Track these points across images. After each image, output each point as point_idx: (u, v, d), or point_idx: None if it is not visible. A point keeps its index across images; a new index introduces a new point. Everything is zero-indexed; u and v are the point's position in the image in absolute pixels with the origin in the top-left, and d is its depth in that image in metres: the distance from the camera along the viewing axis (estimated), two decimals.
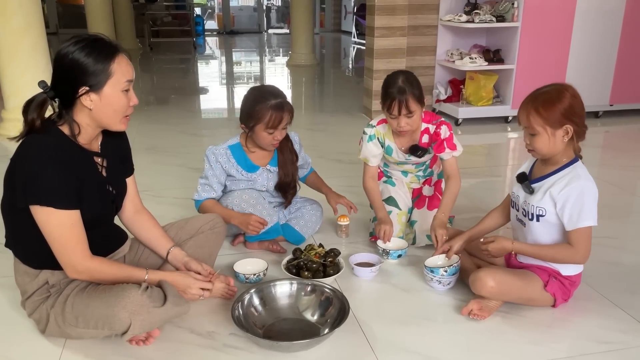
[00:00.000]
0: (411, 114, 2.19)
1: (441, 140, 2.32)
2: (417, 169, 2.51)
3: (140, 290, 1.55)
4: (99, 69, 1.52)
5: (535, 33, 4.35)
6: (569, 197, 1.73)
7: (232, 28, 14.47)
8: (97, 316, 1.56)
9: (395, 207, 2.43)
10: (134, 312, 1.52)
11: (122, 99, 1.58)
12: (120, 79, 1.55)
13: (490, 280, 1.79)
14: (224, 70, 8.72)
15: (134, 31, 10.04)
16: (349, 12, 13.69)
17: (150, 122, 4.69)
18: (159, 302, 1.57)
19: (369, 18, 4.59)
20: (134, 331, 1.55)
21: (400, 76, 2.20)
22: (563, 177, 1.77)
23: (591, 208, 1.74)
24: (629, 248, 2.44)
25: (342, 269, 2.07)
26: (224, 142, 2.34)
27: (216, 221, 2.02)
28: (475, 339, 1.77)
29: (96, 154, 1.67)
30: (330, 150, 3.85)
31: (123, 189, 1.81)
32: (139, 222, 1.88)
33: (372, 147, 2.39)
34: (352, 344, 1.73)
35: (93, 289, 1.63)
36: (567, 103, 1.71)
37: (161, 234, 1.88)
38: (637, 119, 4.77)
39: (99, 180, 1.67)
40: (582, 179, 1.74)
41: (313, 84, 7.53)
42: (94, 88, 1.53)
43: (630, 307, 1.92)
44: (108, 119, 1.60)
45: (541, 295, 1.84)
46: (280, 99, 2.17)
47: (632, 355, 1.68)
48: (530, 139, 1.78)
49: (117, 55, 1.56)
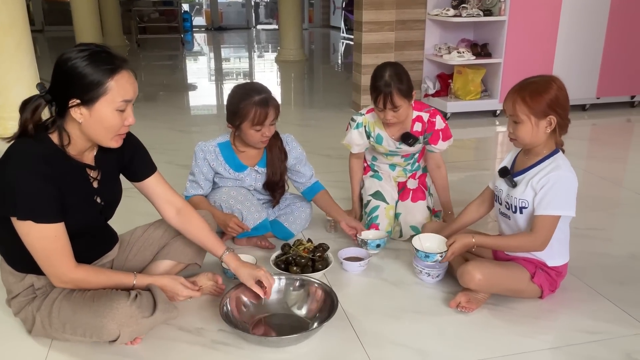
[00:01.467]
0: (397, 108, 2.21)
1: (437, 131, 2.35)
2: (406, 162, 2.52)
3: (129, 301, 1.53)
4: (94, 83, 1.43)
5: (522, 27, 4.37)
6: (545, 184, 1.75)
7: (221, 24, 14.38)
8: (84, 325, 1.54)
9: (382, 202, 2.43)
10: (122, 324, 1.51)
11: (114, 119, 1.49)
12: (115, 97, 1.46)
13: (478, 273, 1.80)
14: (212, 67, 8.67)
15: (120, 28, 9.94)
16: (338, 7, 13.65)
17: (139, 118, 4.54)
18: (147, 312, 1.56)
19: (357, 13, 4.58)
20: (122, 340, 1.55)
21: (387, 69, 2.20)
22: (544, 168, 1.79)
23: (565, 198, 1.75)
24: (616, 239, 2.46)
25: (331, 263, 2.07)
26: (214, 139, 2.32)
27: (206, 218, 1.99)
28: (464, 331, 1.77)
29: (89, 166, 1.61)
30: (319, 146, 3.85)
31: (115, 199, 1.75)
32: (185, 224, 1.80)
33: (357, 135, 2.42)
34: (341, 338, 1.73)
35: (80, 295, 1.60)
36: (553, 94, 1.72)
37: (211, 239, 1.80)
38: (623, 112, 4.81)
39: (88, 191, 1.61)
40: (562, 169, 1.76)
41: (302, 79, 7.51)
42: (85, 102, 1.44)
43: (617, 297, 1.94)
44: (97, 136, 1.51)
45: (528, 287, 1.85)
46: (264, 94, 2.14)
47: (618, 345, 1.69)
48: (514, 127, 1.79)
49: (119, 72, 1.46)
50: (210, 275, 1.93)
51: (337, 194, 2.78)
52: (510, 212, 1.87)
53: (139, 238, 1.91)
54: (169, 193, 1.80)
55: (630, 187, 3.09)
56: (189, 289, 1.74)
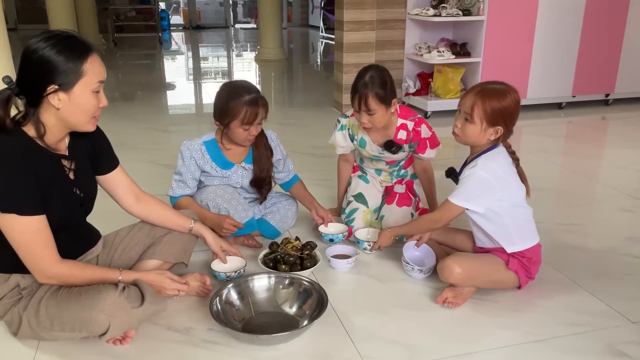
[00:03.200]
0: (371, 111, 2.16)
1: (423, 140, 2.34)
2: (391, 168, 2.53)
3: (118, 292, 1.52)
4: (71, 67, 1.46)
5: (501, 26, 4.44)
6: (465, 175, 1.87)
7: (199, 23, 14.28)
8: (73, 319, 1.53)
9: (363, 205, 2.45)
10: (112, 315, 1.50)
11: (91, 100, 1.53)
12: (92, 79, 1.50)
13: (457, 267, 1.84)
14: (191, 66, 8.61)
15: (97, 26, 9.79)
16: (317, 6, 13.67)
17: (117, 118, 4.61)
18: (136, 303, 1.55)
19: (338, 12, 4.60)
20: (112, 333, 1.54)
21: (369, 72, 2.17)
22: (470, 166, 1.88)
23: (466, 192, 1.85)
24: (593, 233, 2.53)
25: (319, 261, 2.09)
26: (199, 137, 2.31)
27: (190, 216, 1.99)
28: (451, 325, 1.81)
29: (63, 157, 1.62)
30: (302, 144, 3.86)
31: (92, 191, 1.75)
32: (146, 210, 1.86)
33: (340, 137, 2.45)
34: (331, 335, 1.74)
35: (67, 291, 1.59)
36: (511, 108, 1.81)
37: (174, 215, 1.91)
38: (598, 110, 4.93)
39: (66, 182, 1.62)
40: (476, 167, 1.84)
41: (282, 78, 7.51)
42: (64, 87, 1.47)
43: (597, 289, 2.00)
44: (76, 120, 1.54)
45: (506, 276, 1.91)
46: (254, 94, 2.15)
47: (601, 337, 1.74)
48: (463, 123, 1.85)
49: (90, 54, 1.50)
50: (198, 276, 1.93)
51: (321, 193, 2.80)
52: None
53: (124, 238, 1.90)
54: (131, 182, 1.85)
55: (606, 182, 3.18)
56: (177, 282, 1.74)
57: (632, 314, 1.85)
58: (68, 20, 8.01)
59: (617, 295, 1.97)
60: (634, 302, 1.92)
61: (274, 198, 2.49)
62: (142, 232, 1.91)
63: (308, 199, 2.43)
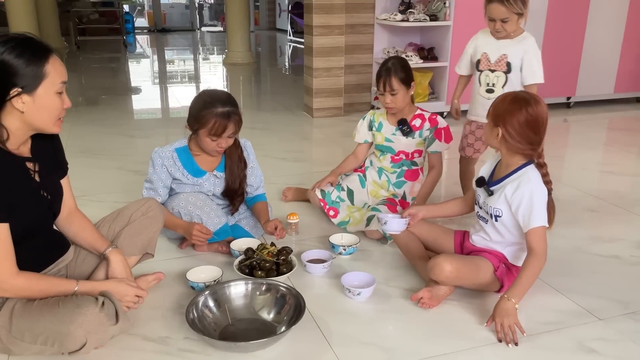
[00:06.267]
0: (394, 91, 2.43)
1: (439, 129, 2.54)
2: (393, 169, 2.62)
3: (98, 307, 1.49)
4: (32, 70, 1.46)
5: (466, 31, 4.48)
6: (521, 199, 1.82)
7: (164, 26, 14.10)
8: (47, 332, 1.48)
9: (349, 201, 2.60)
10: (90, 331, 1.47)
11: (56, 101, 1.52)
12: (54, 80, 1.50)
13: (448, 265, 1.86)
14: (156, 69, 8.48)
15: (58, 29, 9.57)
16: (284, 10, 13.68)
17: (83, 123, 4.50)
18: (113, 319, 1.52)
19: (307, 17, 4.62)
20: (87, 350, 1.50)
21: (391, 59, 2.49)
22: (515, 180, 1.86)
23: (540, 209, 1.82)
24: (559, 233, 2.59)
25: (295, 266, 2.09)
26: (170, 144, 2.28)
27: (148, 205, 1.92)
28: (427, 327, 1.83)
29: (27, 159, 1.59)
30: (273, 149, 3.85)
31: (59, 192, 1.72)
32: (72, 224, 1.79)
33: (361, 123, 2.71)
34: (309, 340, 1.74)
35: (42, 302, 1.54)
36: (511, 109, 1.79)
37: (95, 235, 1.80)
38: (560, 112, 5.08)
39: (32, 186, 1.59)
40: (531, 182, 1.83)
41: (251, 82, 7.48)
42: (27, 90, 1.46)
43: (565, 288, 2.06)
44: (41, 122, 1.53)
45: (491, 280, 1.94)
46: (228, 107, 2.13)
47: (571, 334, 1.79)
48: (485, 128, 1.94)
49: (51, 55, 1.50)
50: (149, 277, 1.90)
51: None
52: (488, 216, 1.95)
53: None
54: (70, 195, 1.80)
55: (570, 183, 3.27)
56: (136, 288, 1.71)
57: (599, 312, 1.91)
58: (29, 22, 7.78)
59: (585, 293, 2.03)
60: (600, 300, 1.99)
61: (248, 203, 2.48)
62: (102, 231, 1.86)
63: (262, 215, 2.37)
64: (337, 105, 4.77)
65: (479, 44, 2.57)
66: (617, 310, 1.92)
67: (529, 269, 1.81)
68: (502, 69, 2.48)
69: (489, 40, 2.52)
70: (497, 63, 2.49)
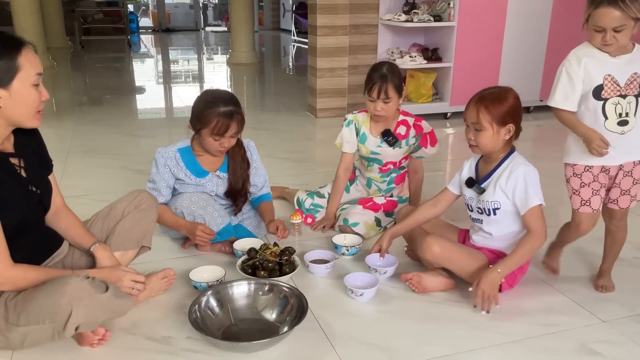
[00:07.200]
0: (388, 99, 2.34)
1: (425, 134, 2.50)
2: (382, 178, 2.60)
3: (81, 277, 1.50)
4: (5, 63, 1.45)
5: (471, 32, 4.53)
6: (515, 184, 1.88)
7: (168, 26, 14.12)
8: (37, 308, 1.48)
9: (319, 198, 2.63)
10: (74, 298, 1.46)
11: (33, 94, 1.51)
12: (29, 72, 1.49)
13: (436, 246, 1.92)
14: (160, 69, 8.50)
15: (63, 29, 9.60)
16: (288, 10, 13.68)
17: (86, 123, 4.51)
18: (101, 290, 1.51)
19: (311, 17, 4.62)
20: (76, 319, 1.47)
21: (385, 65, 2.39)
22: (505, 169, 1.91)
23: (537, 188, 1.88)
24: None
25: (297, 267, 2.09)
26: (173, 145, 2.29)
27: (139, 198, 1.90)
28: (429, 329, 1.83)
29: (11, 155, 1.59)
30: (277, 149, 3.85)
31: (47, 187, 1.73)
32: (59, 221, 1.79)
33: (347, 132, 2.53)
34: (312, 341, 1.75)
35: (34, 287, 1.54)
36: (512, 103, 1.86)
37: (82, 233, 1.79)
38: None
39: (20, 181, 1.59)
40: (521, 165, 1.89)
41: (254, 82, 7.48)
42: (2, 83, 1.46)
43: (568, 290, 2.05)
44: (20, 116, 1.53)
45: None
46: (231, 107, 2.13)
47: (574, 336, 1.79)
48: (475, 134, 1.88)
49: (24, 48, 1.49)
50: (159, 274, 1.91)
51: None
52: (484, 215, 1.97)
53: None
54: (57, 191, 1.79)
55: None
56: (132, 274, 1.70)
57: (602, 313, 1.91)
58: (34, 22, 7.81)
59: (588, 295, 2.02)
60: (603, 302, 1.98)
61: (250, 204, 2.48)
62: (96, 227, 1.86)
63: (267, 214, 2.37)
64: (341, 105, 4.77)
65: (590, 66, 1.86)
66: (621, 313, 1.92)
67: (525, 247, 1.87)
68: (634, 92, 1.84)
69: (605, 59, 1.84)
70: (628, 86, 1.84)
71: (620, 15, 1.71)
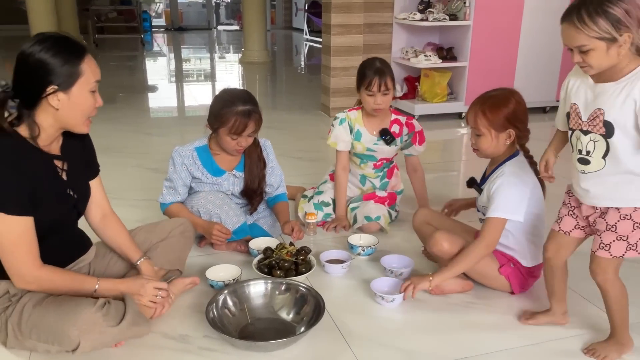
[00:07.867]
0: (387, 91, 2.39)
1: (416, 133, 2.52)
2: (376, 174, 2.60)
3: (95, 308, 1.49)
4: (68, 68, 1.48)
5: (486, 31, 4.49)
6: (490, 191, 1.87)
7: (181, 24, 14.17)
8: (47, 330, 1.50)
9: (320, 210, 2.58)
10: (84, 330, 1.47)
11: (89, 100, 1.55)
12: (89, 78, 1.52)
13: (445, 243, 1.90)
14: (173, 68, 8.53)
15: (77, 27, 9.66)
16: (300, 9, 13.67)
17: (102, 121, 4.52)
18: (113, 321, 1.51)
19: (325, 16, 4.61)
20: (84, 349, 1.49)
21: (376, 60, 2.43)
22: (495, 173, 1.89)
23: (504, 202, 1.82)
24: None
25: (313, 266, 2.08)
26: (190, 143, 2.29)
27: (186, 225, 2.00)
28: (446, 329, 1.81)
29: (56, 157, 1.61)
30: (290, 148, 3.84)
31: (86, 192, 1.74)
32: (107, 228, 1.81)
33: (341, 130, 2.52)
34: (329, 341, 1.74)
35: (51, 299, 1.55)
36: (512, 108, 1.82)
37: (129, 243, 1.82)
38: None
39: (59, 184, 1.61)
40: (504, 175, 1.85)
41: (267, 81, 7.49)
42: (63, 87, 1.49)
43: (590, 294, 2.01)
44: (73, 120, 1.55)
45: (494, 274, 1.93)
46: (249, 106, 2.13)
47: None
48: (475, 139, 1.88)
49: (86, 55, 1.53)
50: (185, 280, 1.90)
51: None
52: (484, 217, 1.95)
53: None
54: (103, 196, 1.82)
55: None
56: (155, 281, 1.70)
57: None
58: (48, 20, 7.88)
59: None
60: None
61: (266, 203, 2.48)
62: (139, 238, 1.89)
63: (282, 215, 2.37)
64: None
65: (571, 88, 1.58)
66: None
67: (466, 253, 1.85)
68: (599, 130, 1.50)
69: (588, 83, 1.52)
70: (590, 122, 1.51)
71: (576, 34, 1.39)
